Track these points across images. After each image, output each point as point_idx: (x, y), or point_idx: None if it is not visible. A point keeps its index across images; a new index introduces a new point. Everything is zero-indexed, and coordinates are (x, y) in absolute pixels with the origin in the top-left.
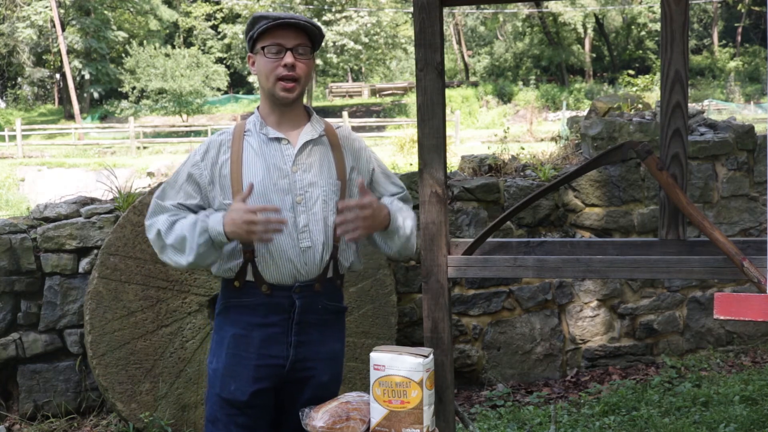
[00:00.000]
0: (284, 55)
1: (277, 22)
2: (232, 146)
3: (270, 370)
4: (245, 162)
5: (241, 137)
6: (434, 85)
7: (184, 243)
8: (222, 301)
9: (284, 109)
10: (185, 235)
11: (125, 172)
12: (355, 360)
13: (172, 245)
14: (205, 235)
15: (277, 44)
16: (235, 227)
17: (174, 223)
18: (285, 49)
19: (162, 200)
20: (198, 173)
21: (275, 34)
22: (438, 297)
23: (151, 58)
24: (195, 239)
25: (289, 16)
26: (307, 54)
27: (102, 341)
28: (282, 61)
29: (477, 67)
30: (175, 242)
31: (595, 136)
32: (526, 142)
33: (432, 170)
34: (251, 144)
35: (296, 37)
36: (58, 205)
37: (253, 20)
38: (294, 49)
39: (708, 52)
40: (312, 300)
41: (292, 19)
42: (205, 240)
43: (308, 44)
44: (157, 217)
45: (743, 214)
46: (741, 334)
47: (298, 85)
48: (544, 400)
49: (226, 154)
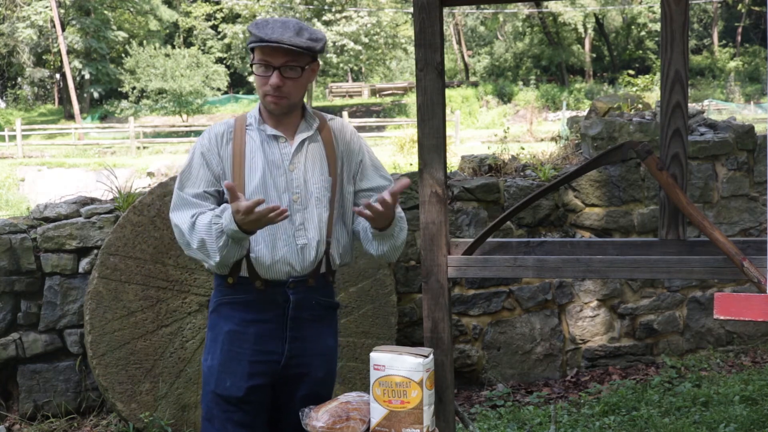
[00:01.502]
0: (271, 74)
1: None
2: (234, 138)
3: (265, 366)
4: (247, 156)
5: (243, 130)
6: (434, 85)
7: (205, 246)
8: (215, 299)
9: (281, 114)
10: (204, 238)
11: (125, 172)
12: (355, 360)
13: (197, 249)
14: (223, 237)
15: (265, 62)
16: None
17: (194, 224)
18: (272, 68)
19: (182, 190)
20: (209, 156)
21: (264, 51)
22: (438, 297)
23: (151, 58)
24: (214, 243)
25: (274, 38)
26: (297, 72)
27: (102, 341)
28: (268, 81)
29: (477, 67)
30: (198, 247)
31: (595, 136)
32: (526, 142)
33: (432, 170)
34: (253, 138)
35: (285, 54)
36: (58, 205)
37: (250, 29)
38: (281, 69)
39: (708, 52)
40: (306, 295)
41: (276, 43)
42: (224, 242)
43: (297, 63)
44: (180, 212)
45: (743, 214)
46: (741, 334)
47: (287, 100)
48: (544, 400)
49: (230, 144)
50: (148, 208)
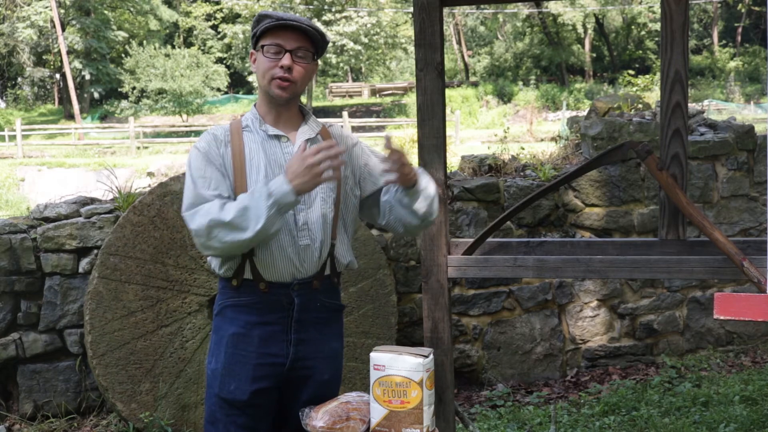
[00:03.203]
0: (282, 56)
1: (279, 23)
2: (231, 141)
3: (270, 369)
4: (248, 157)
5: (239, 133)
6: (434, 85)
7: (247, 214)
8: (220, 302)
9: (281, 108)
10: (247, 205)
11: (125, 172)
12: (355, 360)
13: (231, 222)
14: (271, 199)
15: (277, 44)
16: (299, 177)
17: (225, 204)
18: (284, 51)
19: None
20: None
21: (277, 35)
22: (438, 297)
23: (151, 58)
24: (262, 205)
25: (292, 17)
26: (308, 58)
27: (102, 341)
28: (279, 62)
29: (477, 67)
30: (236, 217)
31: (595, 136)
32: (526, 142)
33: (432, 170)
34: (252, 140)
35: (297, 39)
36: (58, 205)
37: (258, 18)
38: (293, 52)
39: (708, 52)
40: (310, 297)
41: (294, 21)
42: (272, 203)
43: (310, 48)
44: (201, 206)
45: (743, 214)
46: (741, 334)
47: (294, 85)
48: (544, 400)
49: (228, 148)
50: (148, 208)
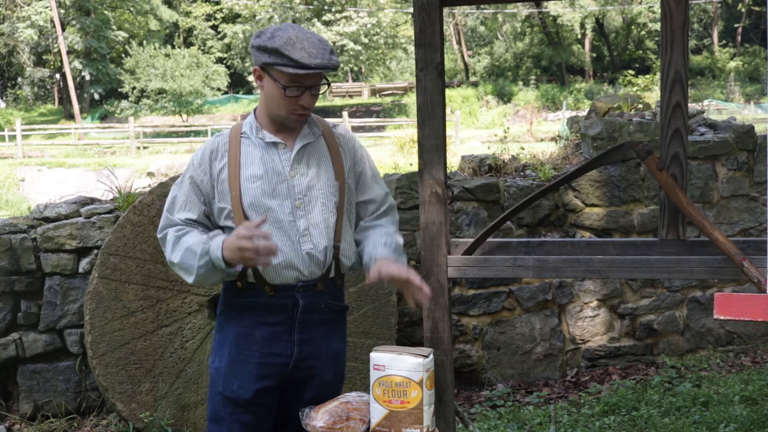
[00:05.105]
0: (302, 95)
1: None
2: (229, 150)
3: (273, 368)
4: (243, 166)
5: (237, 140)
6: (434, 85)
7: (188, 261)
8: (224, 301)
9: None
10: (187, 256)
11: (125, 172)
12: (355, 360)
13: (179, 264)
14: (206, 258)
15: (298, 84)
16: (232, 252)
17: (179, 239)
18: (304, 89)
19: (171, 213)
20: (199, 179)
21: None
22: (438, 297)
23: (151, 58)
24: (196, 262)
25: (319, 66)
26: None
27: (102, 341)
28: (299, 101)
29: (477, 67)
30: (181, 260)
31: (595, 136)
32: (526, 142)
33: (432, 170)
34: (248, 148)
35: (318, 76)
36: (58, 205)
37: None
38: (311, 89)
39: (708, 52)
40: (315, 299)
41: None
42: (205, 263)
43: (324, 80)
44: (166, 231)
45: (743, 214)
46: (741, 334)
47: (310, 113)
48: (544, 400)
49: (224, 158)
50: (148, 208)
